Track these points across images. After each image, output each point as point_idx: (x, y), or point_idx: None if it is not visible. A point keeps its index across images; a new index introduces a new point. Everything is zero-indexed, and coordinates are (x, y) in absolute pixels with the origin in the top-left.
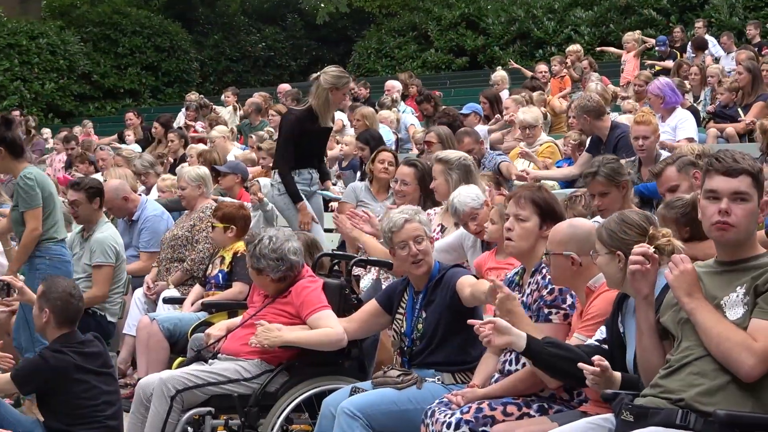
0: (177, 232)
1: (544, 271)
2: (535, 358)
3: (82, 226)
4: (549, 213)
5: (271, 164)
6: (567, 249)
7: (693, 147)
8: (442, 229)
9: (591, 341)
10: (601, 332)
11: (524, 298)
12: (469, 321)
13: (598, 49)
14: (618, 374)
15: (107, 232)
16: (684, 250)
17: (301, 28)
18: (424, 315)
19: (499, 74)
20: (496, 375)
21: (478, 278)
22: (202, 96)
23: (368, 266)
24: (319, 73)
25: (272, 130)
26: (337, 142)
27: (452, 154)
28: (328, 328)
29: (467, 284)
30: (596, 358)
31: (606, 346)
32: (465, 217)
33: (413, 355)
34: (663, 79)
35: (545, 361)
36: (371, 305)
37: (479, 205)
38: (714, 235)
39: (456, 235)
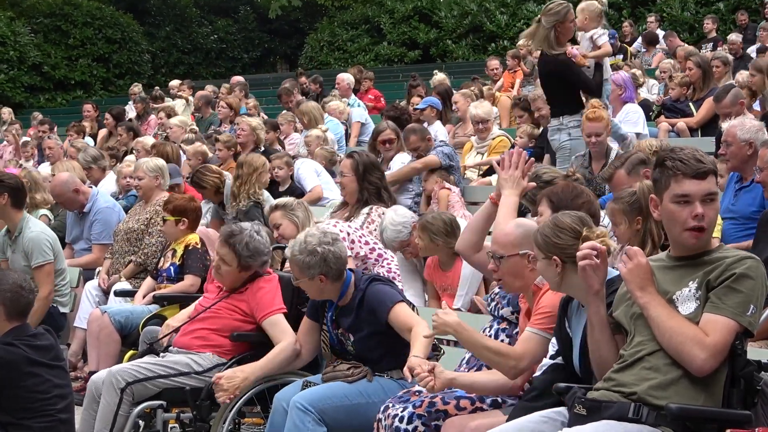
0: (132, 224)
1: None
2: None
3: (6, 227)
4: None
5: (223, 157)
6: (522, 249)
7: (651, 143)
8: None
9: (546, 360)
10: (553, 346)
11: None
12: (406, 371)
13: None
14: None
15: (36, 228)
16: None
17: (254, 20)
18: (351, 338)
19: (437, 77)
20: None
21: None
22: (158, 88)
23: None
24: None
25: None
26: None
27: (286, 199)
28: (279, 344)
29: (406, 328)
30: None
31: (560, 359)
32: (397, 249)
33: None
34: (625, 73)
35: None
36: (306, 323)
37: (407, 236)
38: (688, 240)
39: (403, 264)
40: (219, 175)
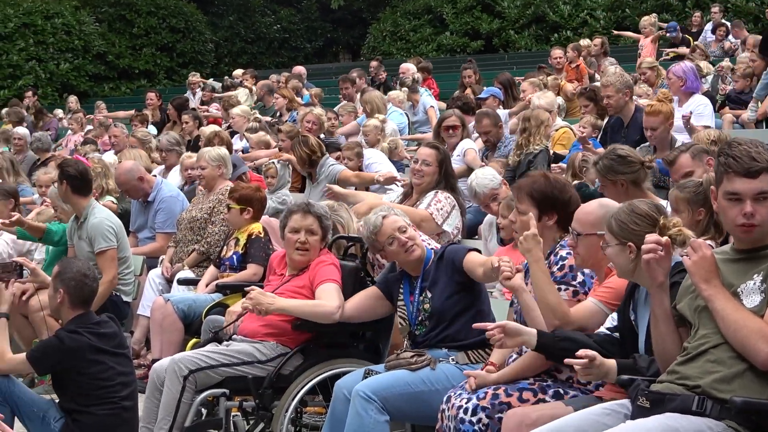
0: (195, 213)
1: (560, 251)
2: (547, 353)
3: (75, 214)
4: (546, 203)
5: (286, 147)
6: (600, 230)
7: (709, 133)
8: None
9: (602, 329)
10: (613, 319)
11: None
12: (476, 325)
13: (615, 33)
14: (612, 362)
15: (100, 215)
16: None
17: (316, 10)
18: (429, 295)
19: None
20: (513, 355)
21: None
22: (227, 78)
23: None
24: None
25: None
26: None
27: (327, 201)
28: (322, 300)
29: (478, 263)
30: (581, 352)
31: (617, 334)
32: (486, 198)
33: (423, 336)
34: (687, 63)
35: (558, 356)
36: (372, 289)
37: (498, 185)
38: (739, 237)
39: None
40: (318, 148)
